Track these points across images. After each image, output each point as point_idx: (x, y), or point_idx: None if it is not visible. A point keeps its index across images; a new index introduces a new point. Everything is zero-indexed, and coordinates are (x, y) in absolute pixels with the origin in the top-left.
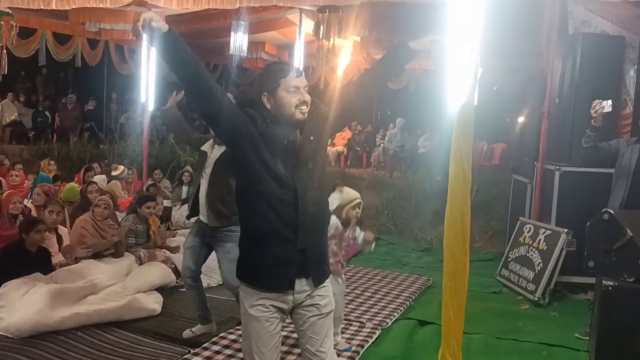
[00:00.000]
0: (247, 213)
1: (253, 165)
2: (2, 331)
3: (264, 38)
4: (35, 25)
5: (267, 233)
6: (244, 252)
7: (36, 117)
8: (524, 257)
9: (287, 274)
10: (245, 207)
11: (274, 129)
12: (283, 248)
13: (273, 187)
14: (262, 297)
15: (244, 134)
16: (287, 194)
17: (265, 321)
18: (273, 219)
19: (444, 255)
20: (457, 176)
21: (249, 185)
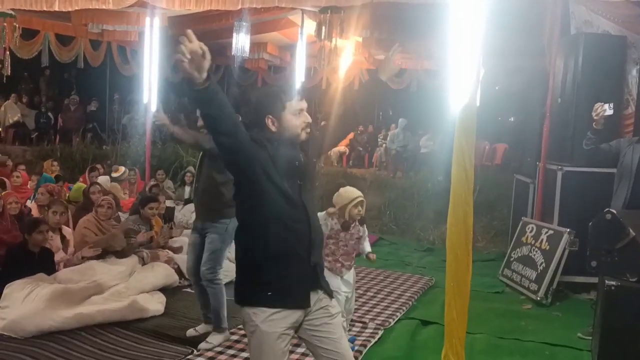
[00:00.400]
0: (259, 235)
1: (265, 189)
2: (6, 331)
3: (265, 39)
4: (38, 27)
5: (285, 253)
6: (254, 274)
7: (39, 118)
8: (526, 257)
9: (304, 290)
10: (257, 229)
11: (282, 151)
12: (299, 266)
13: (286, 208)
14: (277, 312)
15: (256, 159)
16: (299, 213)
17: (278, 337)
18: (289, 239)
19: (447, 256)
20: (459, 177)
21: (261, 209)
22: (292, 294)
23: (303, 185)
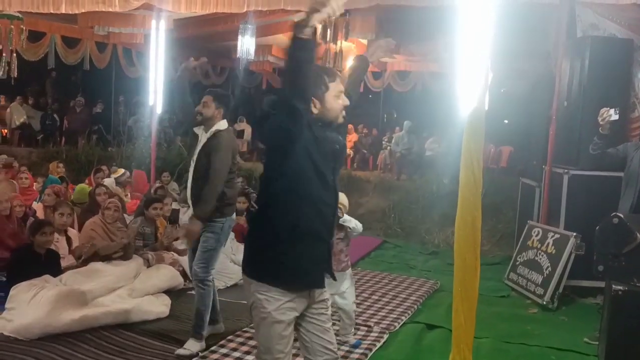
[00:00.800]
0: (289, 214)
1: (304, 168)
2: (12, 333)
3: (271, 41)
4: (45, 29)
5: (311, 234)
6: (277, 252)
7: (45, 120)
8: (532, 261)
9: (322, 271)
10: (288, 207)
11: (324, 133)
12: (321, 247)
13: (320, 189)
14: (289, 300)
15: (303, 136)
16: (329, 197)
17: (288, 325)
18: (318, 220)
19: (455, 260)
20: (467, 180)
21: (296, 187)
22: (312, 275)
23: (336, 169)
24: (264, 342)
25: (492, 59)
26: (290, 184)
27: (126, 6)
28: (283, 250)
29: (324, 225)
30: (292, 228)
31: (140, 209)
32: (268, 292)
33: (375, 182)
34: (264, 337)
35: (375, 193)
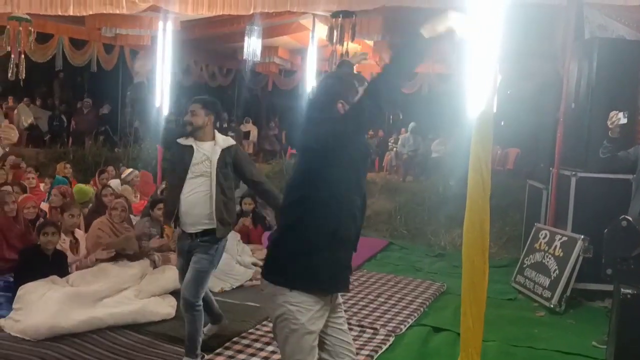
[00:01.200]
0: (328, 219)
1: (349, 173)
2: (19, 333)
3: (277, 43)
4: (52, 31)
5: (347, 239)
6: (315, 258)
7: (52, 121)
8: (539, 264)
9: (348, 276)
10: (328, 213)
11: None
12: (350, 252)
13: (356, 194)
14: (320, 308)
15: (354, 140)
16: (361, 201)
17: (317, 335)
18: (352, 226)
19: (463, 263)
20: (476, 183)
21: (336, 192)
22: (345, 279)
23: (365, 174)
24: (293, 355)
25: (499, 60)
26: (332, 190)
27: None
28: (321, 257)
29: (356, 230)
30: (332, 234)
31: (146, 210)
32: (301, 302)
33: (381, 184)
34: (293, 350)
35: (381, 194)
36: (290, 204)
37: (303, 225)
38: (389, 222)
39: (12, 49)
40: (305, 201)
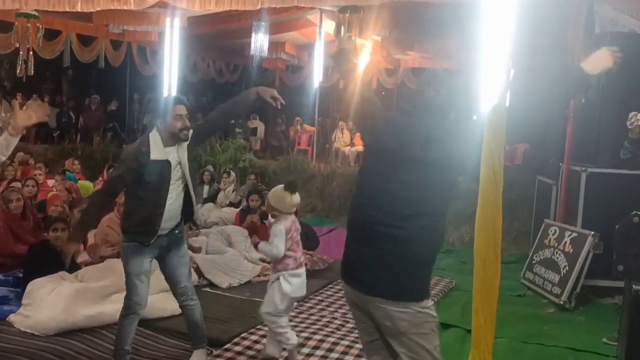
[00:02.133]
0: (443, 229)
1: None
2: (29, 329)
3: (284, 38)
4: (60, 27)
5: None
6: (430, 268)
7: (60, 118)
8: (549, 260)
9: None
10: (444, 222)
11: None
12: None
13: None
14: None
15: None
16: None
17: None
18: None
19: (475, 260)
20: (488, 179)
21: (447, 203)
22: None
23: None
24: (436, 352)
25: (511, 55)
26: (449, 198)
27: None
28: (431, 266)
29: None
30: (440, 243)
31: None
32: (427, 305)
33: None
34: (435, 346)
35: None
36: (407, 218)
37: (429, 237)
38: None
39: (21, 45)
40: (425, 215)
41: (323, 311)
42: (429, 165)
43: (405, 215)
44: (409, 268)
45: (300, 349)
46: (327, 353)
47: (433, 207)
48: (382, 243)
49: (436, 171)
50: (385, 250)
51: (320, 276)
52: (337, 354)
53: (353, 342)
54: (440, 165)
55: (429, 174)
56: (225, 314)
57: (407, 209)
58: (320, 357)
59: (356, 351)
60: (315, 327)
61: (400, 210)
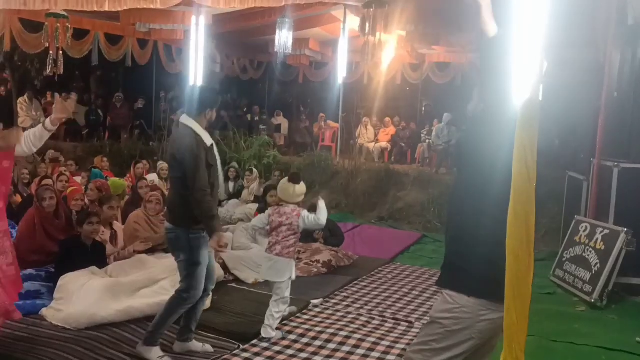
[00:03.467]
0: (499, 224)
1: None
2: (60, 322)
3: (308, 35)
4: (89, 27)
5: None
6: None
7: (89, 116)
8: (579, 257)
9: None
10: (500, 218)
11: None
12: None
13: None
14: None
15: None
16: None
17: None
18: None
19: (507, 257)
20: (521, 174)
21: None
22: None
23: None
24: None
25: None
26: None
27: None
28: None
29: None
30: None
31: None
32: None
33: (413, 176)
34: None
35: (413, 187)
36: (473, 214)
37: (493, 234)
38: (422, 215)
39: (50, 45)
40: (484, 209)
41: (349, 307)
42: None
43: (475, 211)
44: (481, 263)
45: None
46: (352, 349)
47: (487, 201)
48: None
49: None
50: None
51: (345, 272)
52: (363, 350)
53: (379, 339)
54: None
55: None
56: (251, 309)
57: (476, 205)
58: (347, 353)
59: (382, 348)
60: (341, 323)
61: (472, 207)
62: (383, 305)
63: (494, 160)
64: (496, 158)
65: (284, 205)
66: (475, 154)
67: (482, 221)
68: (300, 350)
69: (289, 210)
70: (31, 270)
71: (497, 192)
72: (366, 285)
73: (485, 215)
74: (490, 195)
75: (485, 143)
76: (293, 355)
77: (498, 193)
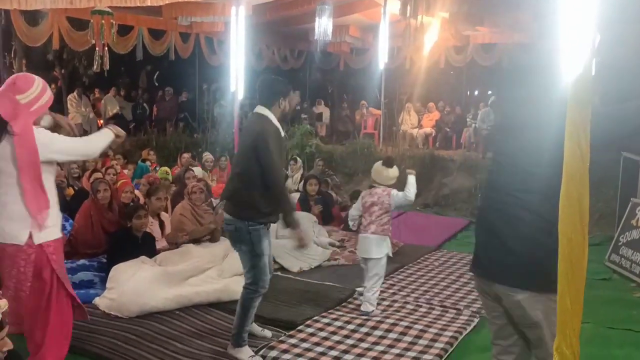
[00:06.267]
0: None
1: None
2: (112, 311)
3: (348, 21)
4: (132, 23)
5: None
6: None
7: (136, 109)
8: (637, 242)
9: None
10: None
11: None
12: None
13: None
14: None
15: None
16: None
17: None
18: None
19: (559, 240)
20: (573, 154)
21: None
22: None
23: None
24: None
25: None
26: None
27: None
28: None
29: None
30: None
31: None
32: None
33: (459, 161)
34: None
35: (459, 172)
36: (532, 204)
37: (549, 224)
38: (468, 201)
39: (96, 42)
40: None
41: (395, 295)
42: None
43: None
44: (540, 255)
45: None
46: (399, 336)
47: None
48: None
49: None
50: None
51: (391, 260)
52: (411, 337)
53: (427, 326)
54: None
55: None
56: (296, 297)
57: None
58: (394, 340)
59: (430, 335)
60: (387, 312)
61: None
62: (430, 293)
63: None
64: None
65: (375, 187)
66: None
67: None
68: (347, 336)
69: (380, 190)
70: (84, 260)
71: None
72: (412, 272)
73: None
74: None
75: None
76: (339, 342)
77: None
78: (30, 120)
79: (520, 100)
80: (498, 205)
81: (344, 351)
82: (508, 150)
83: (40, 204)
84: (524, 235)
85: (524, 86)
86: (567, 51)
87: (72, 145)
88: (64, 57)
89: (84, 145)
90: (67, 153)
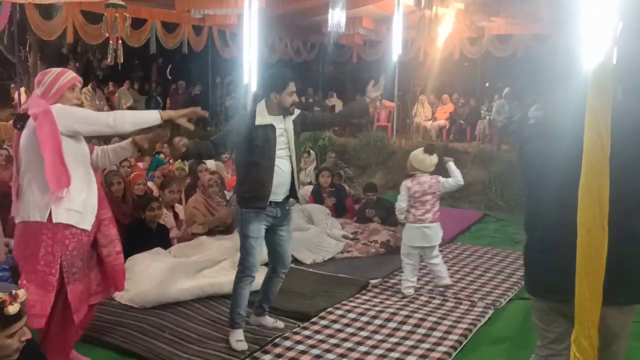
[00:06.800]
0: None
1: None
2: (128, 302)
3: (361, 13)
4: (146, 16)
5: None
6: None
7: (149, 103)
8: None
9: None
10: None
11: None
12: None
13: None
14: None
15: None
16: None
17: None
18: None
19: (578, 231)
20: (593, 144)
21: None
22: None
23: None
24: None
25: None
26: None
27: None
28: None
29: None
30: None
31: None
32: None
33: (474, 154)
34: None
35: (474, 165)
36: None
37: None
38: (483, 193)
39: (110, 35)
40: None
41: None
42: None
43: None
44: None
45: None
46: (414, 328)
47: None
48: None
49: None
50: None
51: None
52: (425, 329)
53: (440, 318)
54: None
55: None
56: (310, 289)
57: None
58: (407, 332)
59: (444, 327)
60: (400, 303)
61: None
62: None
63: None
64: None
65: (417, 175)
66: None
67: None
68: (360, 328)
69: (428, 179)
70: None
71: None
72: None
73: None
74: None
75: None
76: (353, 334)
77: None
78: (48, 103)
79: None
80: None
81: (357, 343)
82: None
83: (60, 179)
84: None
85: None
86: (585, 39)
87: (94, 115)
88: (78, 50)
89: (110, 117)
90: (88, 122)
